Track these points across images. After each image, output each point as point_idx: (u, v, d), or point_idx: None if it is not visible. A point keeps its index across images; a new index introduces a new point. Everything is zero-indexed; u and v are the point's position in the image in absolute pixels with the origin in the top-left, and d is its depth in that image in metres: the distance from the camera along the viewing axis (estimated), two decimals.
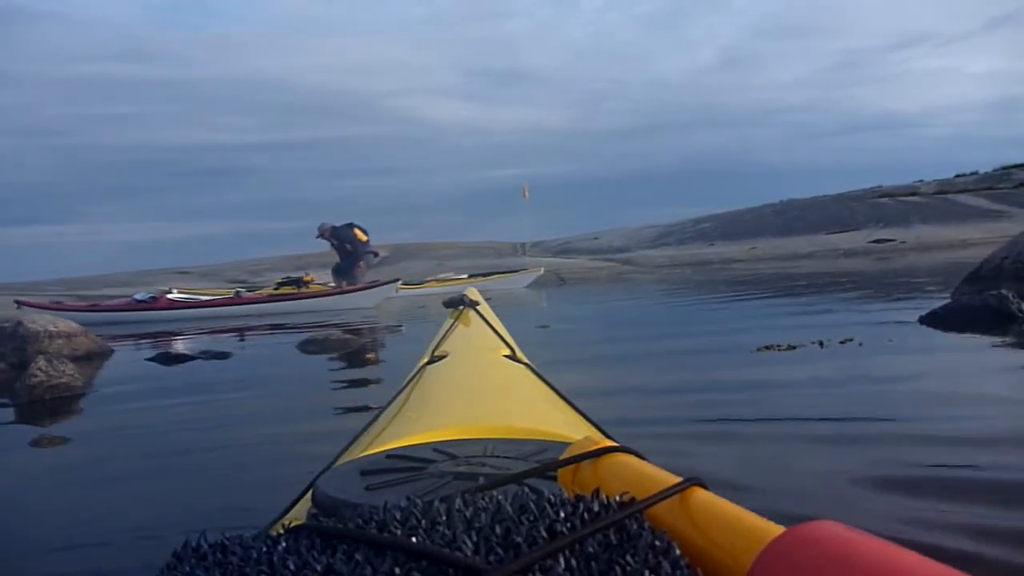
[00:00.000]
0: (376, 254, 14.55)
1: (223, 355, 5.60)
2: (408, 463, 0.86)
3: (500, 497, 0.57)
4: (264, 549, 0.53)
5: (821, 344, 4.00)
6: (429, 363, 1.79)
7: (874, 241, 26.22)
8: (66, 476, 2.45)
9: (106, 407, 3.79)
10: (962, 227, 26.63)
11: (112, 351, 6.40)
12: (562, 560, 0.46)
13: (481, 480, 0.71)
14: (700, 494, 0.55)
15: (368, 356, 5.52)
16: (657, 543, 0.48)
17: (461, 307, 2.47)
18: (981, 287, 5.84)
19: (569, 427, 1.13)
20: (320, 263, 20.62)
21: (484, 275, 16.57)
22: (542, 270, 16.97)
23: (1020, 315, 4.40)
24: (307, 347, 5.68)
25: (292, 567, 0.49)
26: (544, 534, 0.49)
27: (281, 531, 0.57)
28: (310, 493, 0.85)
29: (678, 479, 0.56)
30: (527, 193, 18.08)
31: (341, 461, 1.01)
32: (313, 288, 13.14)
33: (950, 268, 12.99)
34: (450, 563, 0.46)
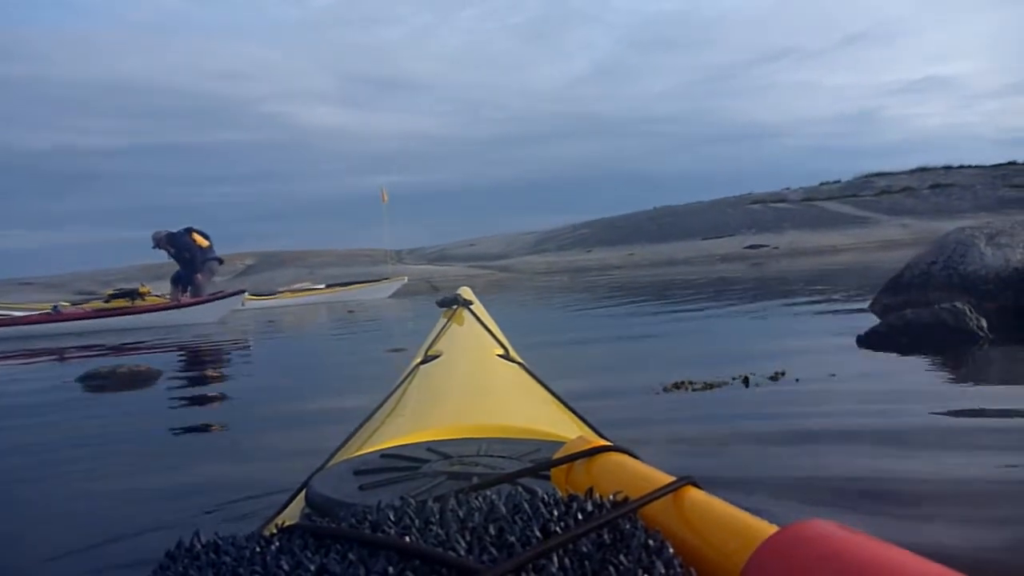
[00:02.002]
0: (220, 261, 12.86)
1: None
2: (402, 463, 0.86)
3: (494, 497, 0.57)
4: (257, 549, 0.53)
5: (746, 382, 2.92)
6: (423, 363, 1.76)
7: (749, 247, 26.40)
8: None
9: None
10: (830, 233, 27.27)
11: None
12: (555, 560, 0.46)
13: (475, 480, 0.68)
14: (693, 493, 0.55)
15: (206, 393, 4.30)
16: (650, 542, 0.48)
17: (455, 307, 2.41)
18: (908, 297, 4.97)
19: (563, 426, 1.14)
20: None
21: (343, 284, 15.26)
22: (406, 279, 15.81)
23: (981, 333, 3.47)
24: (90, 383, 4.42)
25: (286, 567, 0.49)
26: (538, 534, 0.49)
27: (275, 531, 0.56)
28: (303, 493, 0.84)
29: (672, 478, 0.56)
30: (386, 196, 16.99)
31: (334, 461, 0.99)
32: (149, 301, 11.82)
33: (836, 272, 12.71)
34: (444, 563, 0.46)
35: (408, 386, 1.56)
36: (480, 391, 1.48)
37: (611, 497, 0.54)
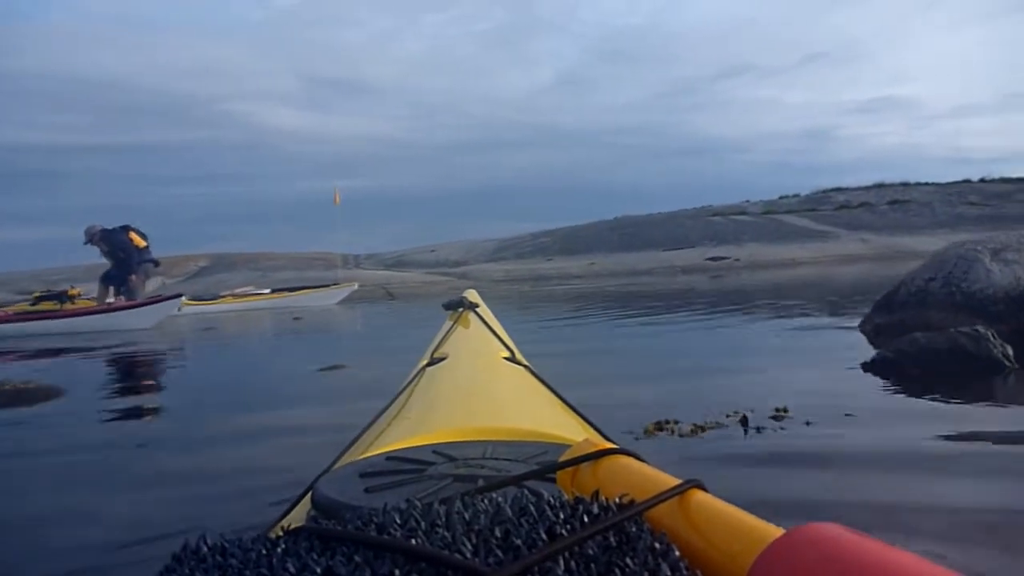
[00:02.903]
0: (156, 263, 12.01)
1: None
2: (407, 465, 0.85)
3: (499, 499, 0.56)
4: (263, 551, 0.52)
5: (745, 423, 2.38)
6: (428, 365, 1.75)
7: (710, 258, 26.17)
8: None
9: None
10: (791, 246, 27.18)
11: None
12: (562, 562, 0.46)
13: (480, 482, 0.69)
14: (699, 496, 0.54)
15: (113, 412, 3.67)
16: (656, 545, 0.48)
17: (460, 309, 2.40)
18: (903, 316, 4.49)
19: (569, 429, 1.13)
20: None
21: (290, 290, 14.46)
22: (356, 285, 15.04)
23: (1008, 363, 2.98)
24: None
25: (291, 569, 0.48)
26: (544, 536, 0.49)
27: (280, 533, 0.56)
28: (309, 495, 0.84)
29: (678, 481, 0.56)
30: (338, 198, 16.30)
31: (340, 463, 0.99)
32: (79, 304, 10.95)
33: (803, 285, 12.36)
34: (450, 565, 0.46)
35: (414, 388, 1.55)
36: (486, 394, 1.48)
37: (617, 500, 0.54)
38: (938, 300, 4.27)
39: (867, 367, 3.21)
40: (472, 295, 2.62)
